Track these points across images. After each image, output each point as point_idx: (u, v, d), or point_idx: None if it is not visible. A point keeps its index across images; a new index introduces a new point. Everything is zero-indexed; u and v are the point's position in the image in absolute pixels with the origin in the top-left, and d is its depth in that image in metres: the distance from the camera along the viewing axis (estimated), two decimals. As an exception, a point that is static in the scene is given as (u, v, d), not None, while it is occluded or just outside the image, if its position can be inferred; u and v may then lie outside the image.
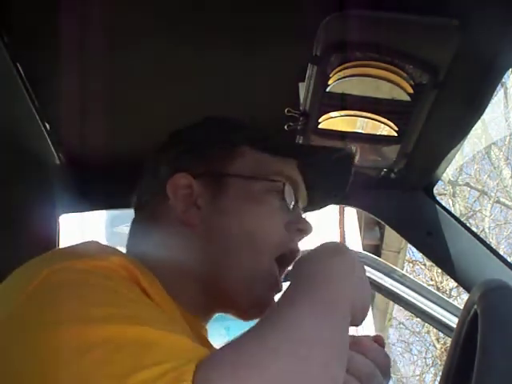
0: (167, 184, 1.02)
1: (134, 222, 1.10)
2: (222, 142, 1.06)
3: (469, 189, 11.30)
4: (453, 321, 1.84)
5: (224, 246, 0.99)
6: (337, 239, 5.43)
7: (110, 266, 0.79)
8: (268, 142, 1.07)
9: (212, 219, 1.00)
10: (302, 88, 1.24)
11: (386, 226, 1.74)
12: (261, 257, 0.99)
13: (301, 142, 1.35)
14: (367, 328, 6.54)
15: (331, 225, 6.12)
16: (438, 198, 1.62)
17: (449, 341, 1.32)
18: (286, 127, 1.30)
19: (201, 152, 1.06)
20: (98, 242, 0.90)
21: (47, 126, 1.37)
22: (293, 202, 1.05)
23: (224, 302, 1.03)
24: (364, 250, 4.02)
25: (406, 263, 10.23)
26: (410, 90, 1.18)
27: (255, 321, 0.81)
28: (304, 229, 1.04)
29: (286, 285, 0.83)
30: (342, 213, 5.54)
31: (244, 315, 1.04)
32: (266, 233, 1.00)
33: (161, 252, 1.01)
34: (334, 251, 0.87)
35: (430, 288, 2.07)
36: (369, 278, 2.12)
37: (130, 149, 1.43)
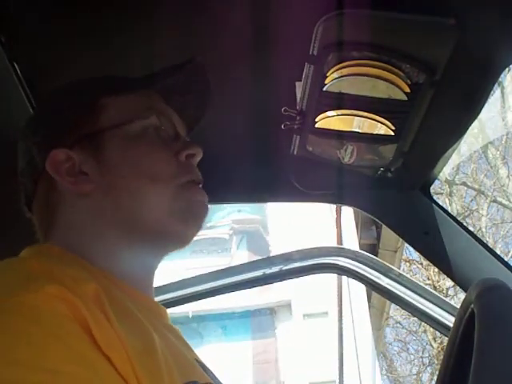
0: (46, 165, 1.00)
1: (36, 221, 1.08)
2: (80, 103, 1.03)
3: (466, 188, 11.32)
4: (450, 320, 1.85)
5: (127, 196, 0.97)
6: (333, 238, 5.44)
7: (40, 303, 0.73)
8: (120, 85, 1.05)
9: (104, 178, 0.98)
10: (299, 87, 1.24)
11: (383, 226, 1.74)
12: (164, 191, 0.98)
13: (298, 141, 1.35)
14: (364, 327, 6.55)
15: (328, 224, 6.13)
16: (434, 197, 1.62)
17: (445, 340, 1.33)
18: (282, 126, 1.30)
19: (64, 122, 1.03)
20: (35, 262, 0.85)
21: (44, 125, 1.37)
22: (172, 132, 1.04)
23: (156, 241, 1.00)
24: (361, 249, 4.02)
25: (403, 262, 10.25)
26: (407, 89, 1.18)
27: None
28: (192, 152, 1.03)
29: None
30: (338, 212, 5.54)
31: (179, 240, 1.02)
32: (158, 167, 0.99)
33: (74, 234, 0.99)
34: None
35: (426, 287, 2.07)
36: (365, 277, 2.13)
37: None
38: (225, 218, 7.76)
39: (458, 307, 1.00)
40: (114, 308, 0.80)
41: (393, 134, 1.28)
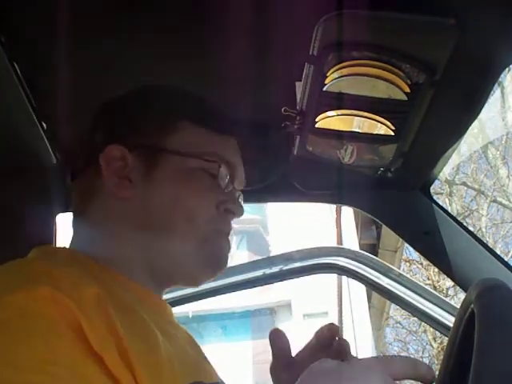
0: (100, 155, 1.00)
1: (73, 198, 1.08)
2: (160, 115, 1.04)
3: (466, 188, 11.33)
4: (449, 320, 1.85)
5: (157, 220, 0.99)
6: (333, 238, 5.44)
7: (29, 303, 0.74)
8: (207, 117, 1.05)
9: (145, 193, 0.99)
10: (299, 87, 1.24)
11: (383, 226, 1.75)
12: (193, 233, 0.99)
13: (298, 141, 1.35)
14: (364, 327, 6.55)
15: (328, 224, 6.13)
16: (434, 197, 1.62)
17: (445, 340, 1.33)
18: (282, 126, 1.30)
19: (137, 124, 1.04)
20: (38, 263, 0.87)
21: (44, 125, 1.37)
22: (226, 183, 1.04)
23: (170, 274, 1.02)
24: (361, 249, 4.02)
25: (403, 262, 10.25)
26: (407, 89, 1.18)
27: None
28: (232, 210, 1.05)
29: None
30: (338, 212, 5.55)
31: (191, 282, 1.05)
32: (197, 210, 1.00)
33: (96, 228, 1.01)
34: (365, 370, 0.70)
35: (426, 287, 2.07)
36: (365, 277, 2.13)
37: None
38: (225, 218, 7.74)
39: (458, 307, 1.00)
40: (116, 309, 0.80)
41: (393, 134, 1.28)
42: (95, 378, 0.72)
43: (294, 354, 1.12)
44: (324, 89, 1.19)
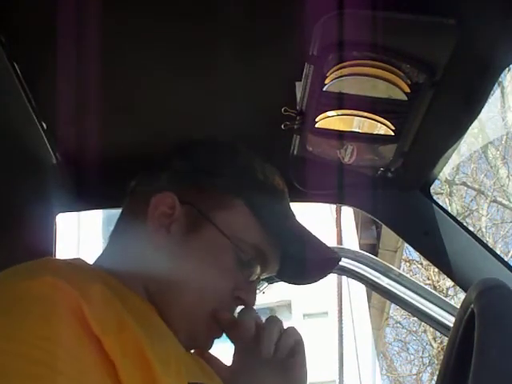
0: (154, 196, 1.03)
1: (118, 220, 1.11)
2: (227, 186, 1.06)
3: (466, 188, 11.33)
4: (450, 320, 1.84)
5: (173, 278, 1.00)
6: (333, 238, 5.44)
7: (31, 287, 0.77)
8: (263, 210, 1.06)
9: (176, 249, 1.02)
10: (299, 87, 1.24)
11: (383, 226, 1.74)
12: (198, 302, 1.01)
13: (298, 141, 1.35)
14: (364, 327, 6.55)
15: (328, 224, 6.13)
16: (434, 197, 1.62)
17: (446, 340, 1.33)
18: (282, 126, 1.30)
19: (203, 184, 1.07)
20: (51, 261, 0.93)
21: (44, 125, 1.37)
22: (252, 274, 1.06)
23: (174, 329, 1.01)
24: (361, 249, 4.02)
25: (403, 262, 10.26)
26: (407, 89, 1.18)
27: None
28: (243, 299, 1.05)
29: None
30: (338, 212, 5.54)
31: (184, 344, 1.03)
32: (209, 284, 1.01)
33: (123, 258, 1.03)
34: None
35: (426, 287, 2.07)
36: (365, 277, 2.13)
37: (127, 148, 1.43)
38: (225, 218, 7.75)
39: (458, 307, 1.00)
40: (125, 306, 0.83)
41: (393, 134, 1.28)
42: (89, 357, 0.74)
43: None
44: (324, 89, 1.19)
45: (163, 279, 1.00)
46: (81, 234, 6.25)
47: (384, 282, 2.02)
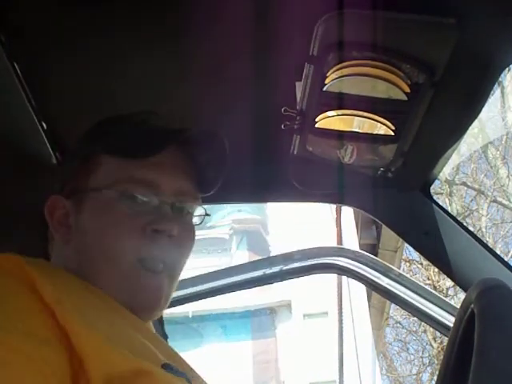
0: (45, 207, 1.09)
1: None
2: (84, 156, 1.07)
3: (466, 188, 11.33)
4: (450, 320, 1.85)
5: (89, 259, 1.01)
6: (333, 238, 5.44)
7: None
8: (116, 146, 1.05)
9: (77, 236, 1.03)
10: (299, 87, 1.24)
11: (383, 226, 1.74)
12: (120, 264, 1.00)
13: (298, 141, 1.35)
14: (364, 327, 6.55)
15: (328, 224, 6.13)
16: (434, 197, 1.62)
17: (446, 340, 1.33)
18: (282, 126, 1.30)
19: (69, 170, 1.10)
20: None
21: (44, 125, 1.37)
22: (154, 203, 1.03)
23: (118, 302, 1.00)
24: (361, 249, 4.02)
25: (403, 262, 10.26)
26: (407, 90, 1.18)
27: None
28: (159, 229, 1.01)
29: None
30: (338, 212, 5.55)
31: (134, 312, 1.01)
32: (113, 243, 1.00)
33: (58, 263, 1.05)
34: None
35: (426, 287, 2.07)
36: (365, 277, 2.13)
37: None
38: (225, 218, 7.75)
39: (458, 307, 1.00)
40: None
41: (393, 134, 1.28)
42: (40, 327, 0.79)
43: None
44: (324, 89, 1.19)
45: (85, 264, 1.01)
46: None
47: (384, 281, 2.02)
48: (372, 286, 2.07)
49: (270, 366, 7.01)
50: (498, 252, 1.70)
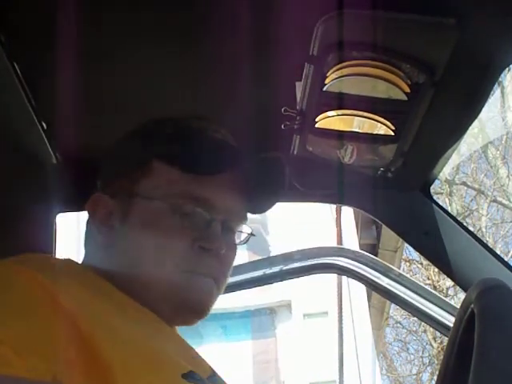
0: (86, 204, 1.06)
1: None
2: (139, 157, 1.06)
3: (466, 188, 11.33)
4: (450, 320, 1.85)
5: (134, 266, 1.00)
6: (333, 238, 5.44)
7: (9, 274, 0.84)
8: (179, 158, 1.04)
9: (122, 240, 1.02)
10: (299, 87, 1.24)
11: (383, 225, 1.74)
12: (169, 273, 1.00)
13: (298, 141, 1.35)
14: (364, 327, 6.55)
15: (328, 224, 6.13)
16: (434, 197, 1.62)
17: (446, 340, 1.33)
18: (282, 126, 1.30)
19: (117, 169, 1.08)
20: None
21: (44, 125, 1.37)
22: (199, 220, 1.03)
23: (155, 312, 1.01)
24: (361, 249, 4.03)
25: (403, 262, 10.26)
26: (407, 90, 1.18)
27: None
28: (205, 247, 1.01)
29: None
30: (338, 212, 5.54)
31: (170, 322, 1.03)
32: (165, 253, 1.00)
33: (94, 262, 1.04)
34: None
35: (426, 287, 2.07)
36: (365, 277, 2.13)
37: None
38: (225, 218, 7.73)
39: (458, 307, 1.00)
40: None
41: (393, 134, 1.28)
42: (62, 333, 0.78)
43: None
44: (324, 89, 1.19)
45: (129, 273, 1.00)
46: (81, 234, 6.25)
47: (384, 281, 2.02)
48: (372, 286, 2.07)
49: (269, 366, 7.01)
50: (498, 252, 1.70)
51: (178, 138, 1.07)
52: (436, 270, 9.87)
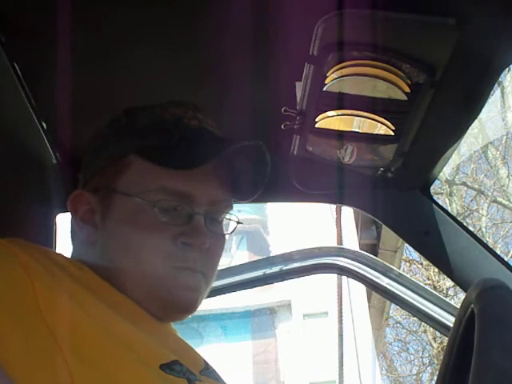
0: (68, 201, 1.04)
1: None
2: (114, 152, 1.03)
3: (466, 188, 11.33)
4: (450, 320, 1.84)
5: (117, 262, 0.99)
6: (333, 238, 5.44)
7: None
8: (154, 152, 1.01)
9: (104, 237, 1.00)
10: (299, 87, 1.24)
11: (383, 226, 1.75)
12: (154, 270, 0.98)
13: (298, 141, 1.35)
14: (364, 327, 6.56)
15: (328, 224, 6.14)
16: (434, 197, 1.62)
17: (446, 340, 1.33)
18: (282, 126, 1.30)
19: (95, 165, 1.05)
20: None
21: (44, 125, 1.37)
22: (185, 214, 1.01)
23: (143, 308, 1.00)
24: (361, 249, 4.02)
25: (403, 262, 10.26)
26: (407, 90, 1.18)
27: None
28: (188, 242, 0.99)
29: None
30: (338, 212, 5.54)
31: (158, 319, 1.01)
32: (146, 250, 0.98)
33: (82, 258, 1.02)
34: None
35: (426, 287, 2.07)
36: (365, 277, 2.13)
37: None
38: (225, 218, 7.74)
39: (458, 307, 1.00)
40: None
41: (393, 134, 1.28)
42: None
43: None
44: (324, 89, 1.19)
45: (110, 267, 0.98)
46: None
47: (384, 281, 2.02)
48: (372, 286, 2.07)
49: (269, 366, 7.01)
50: (498, 252, 1.70)
51: (152, 130, 1.04)
52: (436, 269, 9.87)
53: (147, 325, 0.97)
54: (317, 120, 1.27)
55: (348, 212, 6.20)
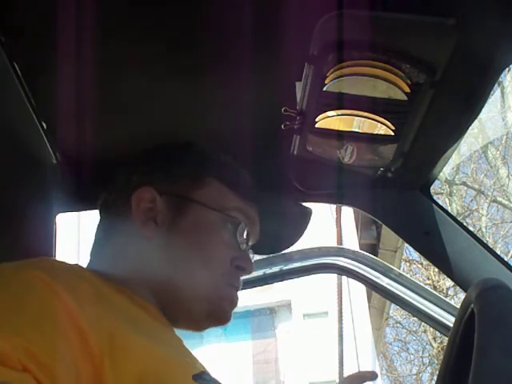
0: (133, 194, 1.10)
1: (99, 224, 1.17)
2: (194, 170, 1.14)
3: (466, 188, 11.33)
4: (450, 320, 1.85)
5: (174, 263, 1.06)
6: (333, 238, 5.44)
7: (24, 277, 0.83)
8: (232, 180, 1.15)
9: (167, 237, 1.07)
10: (299, 87, 1.24)
11: (383, 226, 1.74)
12: (205, 278, 1.06)
13: (298, 141, 1.35)
14: (364, 327, 6.55)
15: (328, 224, 6.13)
16: (434, 197, 1.62)
17: (445, 340, 1.33)
18: (282, 126, 1.30)
19: (172, 173, 1.15)
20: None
21: (44, 125, 1.37)
22: (244, 240, 1.13)
23: (178, 314, 1.07)
24: (361, 249, 4.02)
25: (403, 262, 10.27)
26: (407, 90, 1.18)
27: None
28: (244, 267, 1.12)
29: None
30: (338, 212, 5.55)
31: (194, 329, 1.10)
32: (213, 258, 1.08)
33: (118, 260, 1.08)
34: None
35: (426, 287, 2.07)
36: (365, 277, 2.13)
37: (127, 148, 1.43)
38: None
39: (458, 307, 1.00)
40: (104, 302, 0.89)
41: (393, 134, 1.28)
42: (73, 347, 0.78)
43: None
44: (324, 89, 1.19)
45: (165, 271, 1.05)
46: (81, 234, 6.25)
47: (384, 281, 2.02)
48: (372, 286, 2.07)
49: (269, 366, 7.01)
50: (498, 252, 1.70)
51: (228, 163, 1.19)
52: (436, 269, 9.87)
53: (165, 334, 1.01)
54: (317, 120, 1.27)
55: (348, 212, 6.20)
